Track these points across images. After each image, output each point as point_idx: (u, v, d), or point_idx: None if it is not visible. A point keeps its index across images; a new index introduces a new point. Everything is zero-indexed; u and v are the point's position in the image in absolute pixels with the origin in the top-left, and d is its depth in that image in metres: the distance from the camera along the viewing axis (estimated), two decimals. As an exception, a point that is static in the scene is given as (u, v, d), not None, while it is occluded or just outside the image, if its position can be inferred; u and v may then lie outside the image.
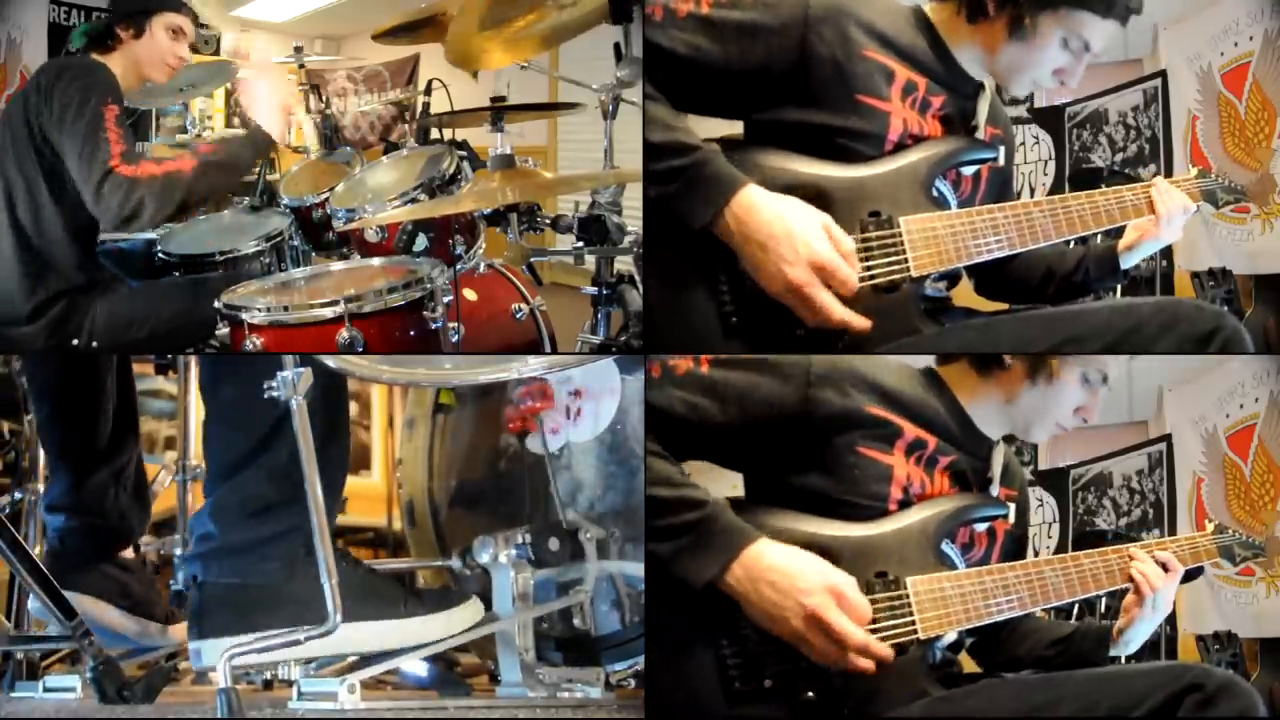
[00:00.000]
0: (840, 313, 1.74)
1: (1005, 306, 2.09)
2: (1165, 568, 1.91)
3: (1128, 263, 2.03)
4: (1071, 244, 2.06)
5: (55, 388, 2.40)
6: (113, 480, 2.36)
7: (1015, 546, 1.95)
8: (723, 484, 1.88)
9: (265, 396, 1.87)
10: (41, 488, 2.49)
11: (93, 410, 2.35)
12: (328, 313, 2.29)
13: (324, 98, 4.30)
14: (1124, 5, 1.80)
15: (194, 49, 2.88)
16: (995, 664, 1.99)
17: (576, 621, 2.18)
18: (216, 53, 6.40)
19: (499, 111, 2.77)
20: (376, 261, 2.75)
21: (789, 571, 1.71)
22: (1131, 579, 1.89)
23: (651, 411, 1.80)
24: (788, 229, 1.73)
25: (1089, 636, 1.96)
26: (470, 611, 2.08)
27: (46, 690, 2.15)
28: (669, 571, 1.72)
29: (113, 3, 2.75)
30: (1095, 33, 1.81)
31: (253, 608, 1.96)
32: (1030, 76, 1.86)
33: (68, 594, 2.09)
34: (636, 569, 2.16)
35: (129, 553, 2.38)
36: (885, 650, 1.72)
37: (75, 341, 2.59)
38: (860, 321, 1.75)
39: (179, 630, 2.32)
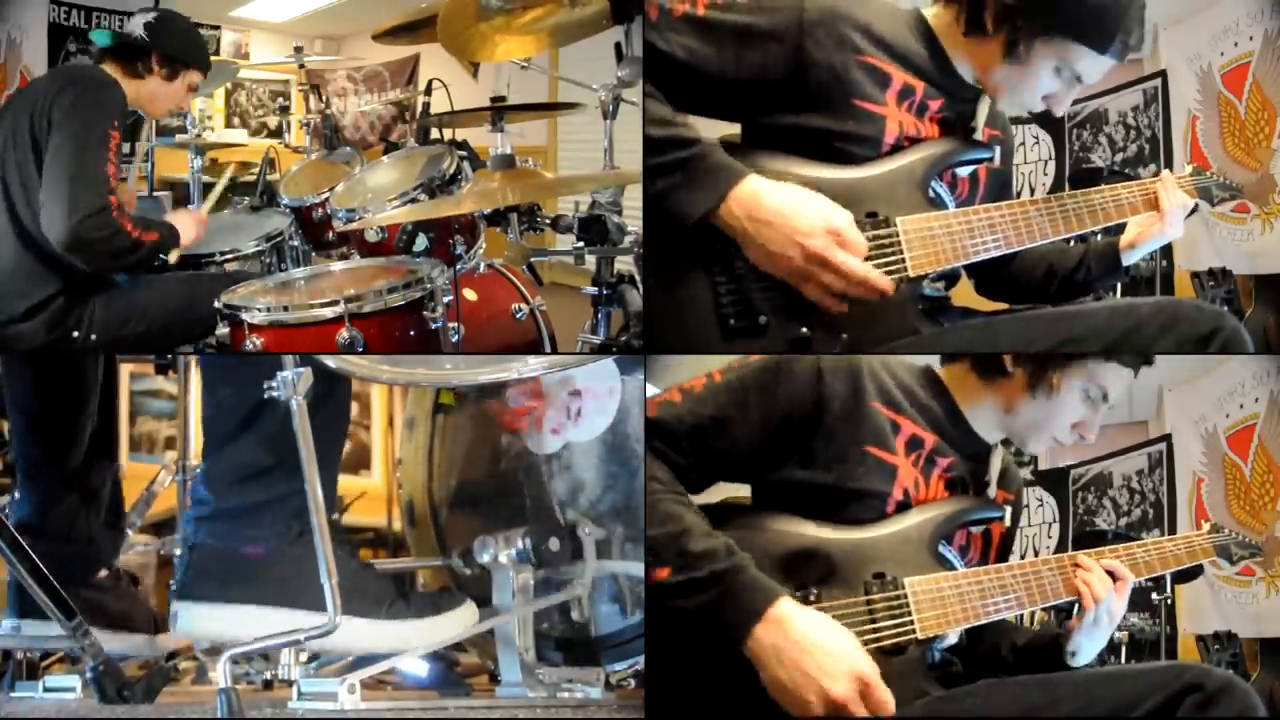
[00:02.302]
0: (863, 270, 1.74)
1: (1004, 306, 2.09)
2: (1114, 577, 1.88)
3: (1129, 260, 2.03)
4: (1072, 242, 2.06)
5: (35, 401, 2.36)
6: (83, 505, 2.30)
7: (1004, 547, 1.95)
8: (724, 486, 1.88)
9: (265, 394, 1.88)
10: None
11: (70, 427, 2.31)
12: (328, 313, 2.30)
13: (324, 98, 4.31)
14: (1121, 43, 1.78)
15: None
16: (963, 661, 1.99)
17: (574, 615, 2.18)
18: (216, 53, 6.41)
19: (499, 111, 2.77)
20: (376, 261, 2.75)
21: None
22: (1076, 591, 1.86)
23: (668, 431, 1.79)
24: (798, 203, 1.74)
25: (1042, 646, 1.94)
26: (460, 618, 2.08)
27: (46, 690, 2.15)
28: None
29: (157, 36, 2.74)
30: (1088, 67, 1.80)
31: (238, 579, 1.96)
32: (1018, 99, 1.85)
33: (44, 623, 2.08)
34: (637, 569, 2.16)
35: (102, 573, 2.32)
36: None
37: (75, 334, 2.60)
38: (882, 278, 1.75)
39: (168, 638, 2.31)
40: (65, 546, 2.23)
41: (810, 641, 1.64)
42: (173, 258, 2.75)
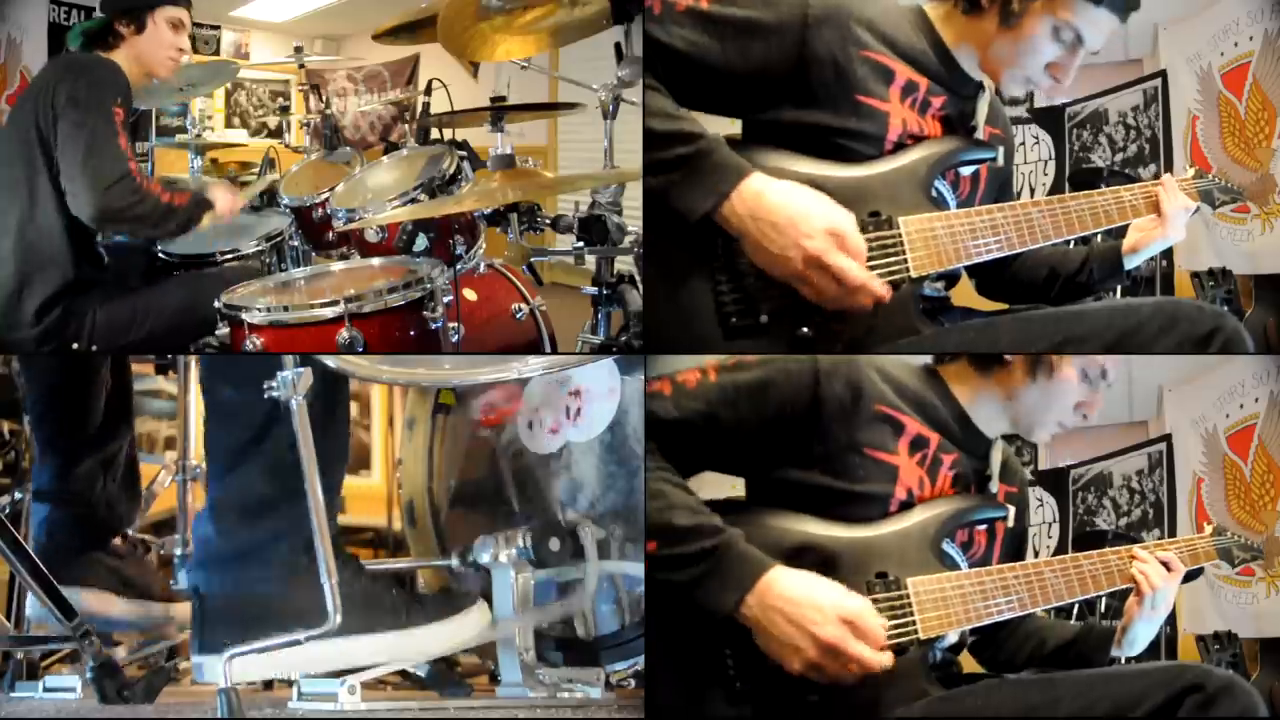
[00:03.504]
0: (862, 275, 1.74)
1: (1004, 306, 2.08)
2: (1167, 567, 1.90)
3: (1132, 264, 2.03)
4: (1074, 244, 2.06)
5: (50, 374, 2.40)
6: (101, 469, 2.35)
7: (1015, 544, 1.95)
8: (723, 484, 1.88)
9: (265, 395, 1.87)
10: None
11: (85, 397, 2.35)
12: (328, 313, 2.30)
13: (324, 98, 4.31)
14: None
15: (194, 49, 2.88)
16: (997, 664, 1.99)
17: (576, 622, 2.18)
18: (216, 53, 6.41)
19: (499, 111, 2.77)
20: (376, 261, 2.75)
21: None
22: (1133, 579, 1.89)
23: (654, 419, 1.79)
24: (800, 204, 1.74)
25: (1092, 638, 1.96)
26: (476, 617, 2.08)
27: (46, 690, 2.15)
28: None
29: (107, 1, 2.74)
30: (1088, 23, 1.78)
31: (254, 621, 1.95)
32: (1023, 72, 1.83)
33: (67, 589, 2.09)
34: (636, 569, 2.16)
35: (117, 540, 2.38)
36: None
37: (75, 345, 2.59)
38: (881, 284, 1.75)
39: (182, 607, 2.32)
40: (86, 510, 2.28)
41: (797, 596, 1.69)
42: (205, 222, 2.72)
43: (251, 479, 2.01)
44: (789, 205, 1.73)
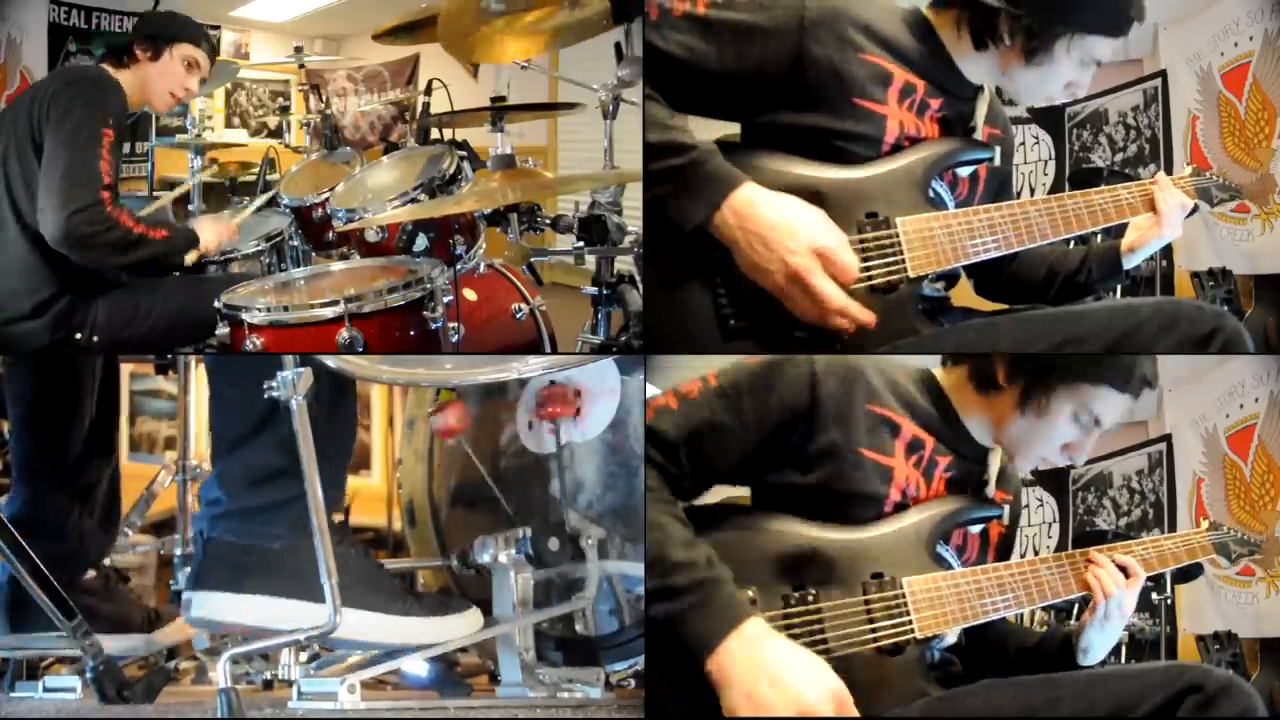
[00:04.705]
0: (841, 299, 1.74)
1: (1004, 307, 2.08)
2: (1125, 572, 1.87)
3: (1131, 263, 2.03)
4: (1072, 244, 2.06)
5: (32, 396, 2.37)
6: (77, 500, 2.32)
7: (1003, 547, 1.94)
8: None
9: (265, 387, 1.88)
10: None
11: (66, 422, 2.32)
12: (328, 313, 2.30)
13: (324, 98, 4.31)
14: (1128, 19, 1.80)
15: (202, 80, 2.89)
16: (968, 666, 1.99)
17: (576, 623, 2.18)
18: (216, 53, 6.40)
19: (499, 111, 2.77)
20: (376, 261, 2.75)
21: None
22: (1087, 585, 1.86)
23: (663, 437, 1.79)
24: (789, 218, 1.73)
25: (1052, 645, 1.94)
26: (467, 621, 2.08)
27: (46, 690, 2.16)
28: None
29: (139, 25, 2.76)
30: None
31: (251, 570, 1.96)
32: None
33: (34, 635, 2.09)
34: (636, 569, 2.16)
35: (89, 574, 2.34)
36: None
37: (78, 337, 2.60)
38: (863, 311, 1.75)
39: (166, 634, 2.31)
40: (54, 545, 2.22)
41: (774, 218, 1.71)
42: (189, 258, 2.74)
43: (259, 452, 2.01)
44: (779, 218, 1.73)
